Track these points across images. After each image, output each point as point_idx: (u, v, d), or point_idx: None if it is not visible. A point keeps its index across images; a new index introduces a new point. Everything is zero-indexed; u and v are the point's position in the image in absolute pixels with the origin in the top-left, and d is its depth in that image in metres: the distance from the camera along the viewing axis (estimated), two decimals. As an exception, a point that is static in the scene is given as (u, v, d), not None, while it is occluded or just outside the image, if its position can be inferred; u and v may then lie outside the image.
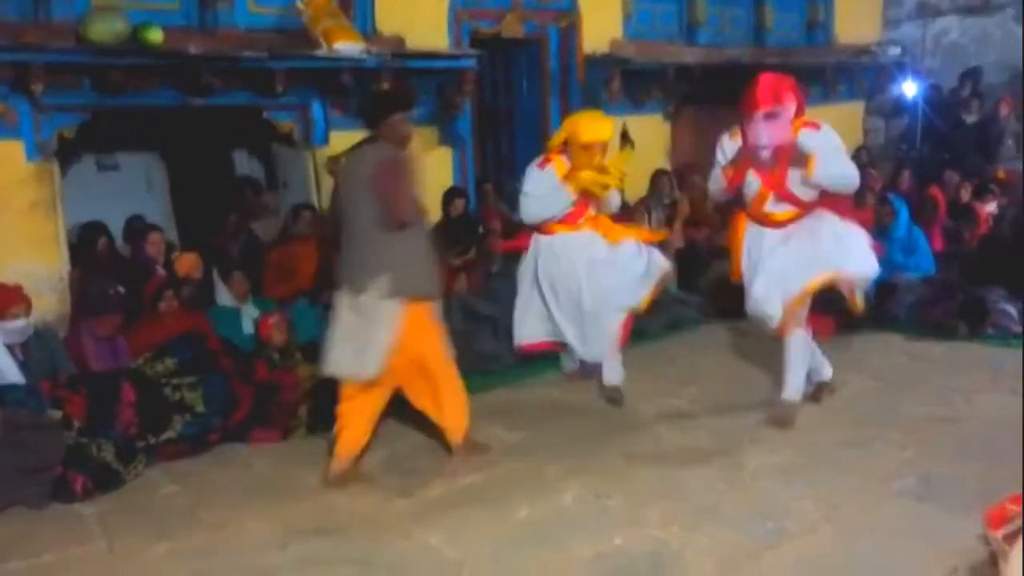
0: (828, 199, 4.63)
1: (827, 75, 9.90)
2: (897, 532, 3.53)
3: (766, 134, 4.45)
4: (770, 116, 4.43)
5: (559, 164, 5.15)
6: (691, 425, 4.83)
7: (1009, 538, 2.64)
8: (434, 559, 3.52)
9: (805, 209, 4.63)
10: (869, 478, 4.05)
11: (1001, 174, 9.05)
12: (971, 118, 9.67)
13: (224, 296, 5.76)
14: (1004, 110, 9.57)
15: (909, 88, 9.90)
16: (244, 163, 7.77)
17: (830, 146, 4.53)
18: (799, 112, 4.57)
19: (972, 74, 10.15)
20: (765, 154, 4.51)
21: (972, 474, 3.96)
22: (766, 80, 4.50)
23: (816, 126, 4.56)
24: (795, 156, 4.47)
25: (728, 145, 4.71)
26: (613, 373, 5.30)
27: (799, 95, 4.56)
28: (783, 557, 3.39)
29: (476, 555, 3.51)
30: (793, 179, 4.53)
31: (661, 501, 3.91)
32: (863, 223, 4.96)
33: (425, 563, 3.49)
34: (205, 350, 5.02)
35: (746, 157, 4.58)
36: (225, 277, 5.77)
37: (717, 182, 4.79)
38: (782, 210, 4.65)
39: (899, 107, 10.45)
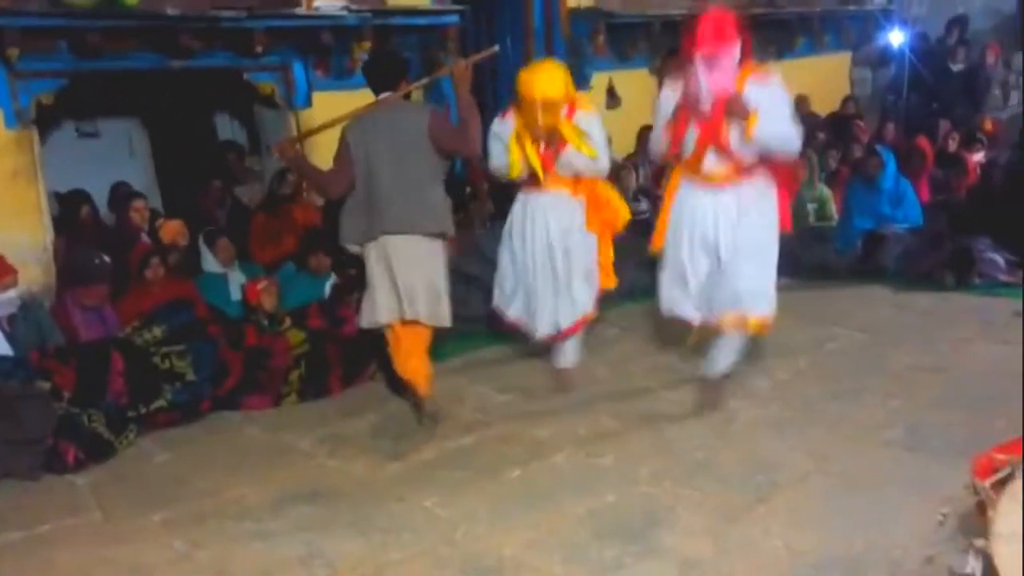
0: (770, 162, 4.25)
1: (814, 25, 9.83)
2: (886, 482, 3.56)
3: (706, 81, 4.02)
4: (710, 60, 4.01)
5: (515, 116, 4.70)
6: (681, 381, 4.84)
7: (996, 487, 2.65)
8: (428, 520, 3.54)
9: (744, 170, 4.22)
10: (858, 429, 4.08)
11: (988, 124, 9.03)
12: (958, 66, 9.63)
13: (211, 262, 5.73)
14: (991, 58, 9.55)
15: (895, 37, 9.83)
16: (226, 127, 7.68)
17: (777, 102, 4.11)
18: (745, 58, 4.13)
19: (958, 22, 10.08)
20: (706, 105, 4.08)
21: (960, 423, 3.99)
22: (707, 20, 4.05)
23: (765, 77, 4.13)
24: (736, 109, 4.04)
25: (668, 97, 4.27)
26: (568, 355, 4.91)
27: (744, 38, 4.09)
28: (774, 509, 3.43)
29: (470, 515, 3.53)
30: (734, 134, 4.11)
31: (653, 457, 3.93)
32: (789, 188, 4.48)
33: (420, 525, 3.50)
34: (193, 317, 5.01)
35: (685, 107, 4.17)
36: (211, 243, 5.73)
37: (657, 142, 4.38)
38: (720, 169, 4.23)
39: (886, 57, 10.40)
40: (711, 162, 4.22)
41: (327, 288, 5.70)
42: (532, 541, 3.32)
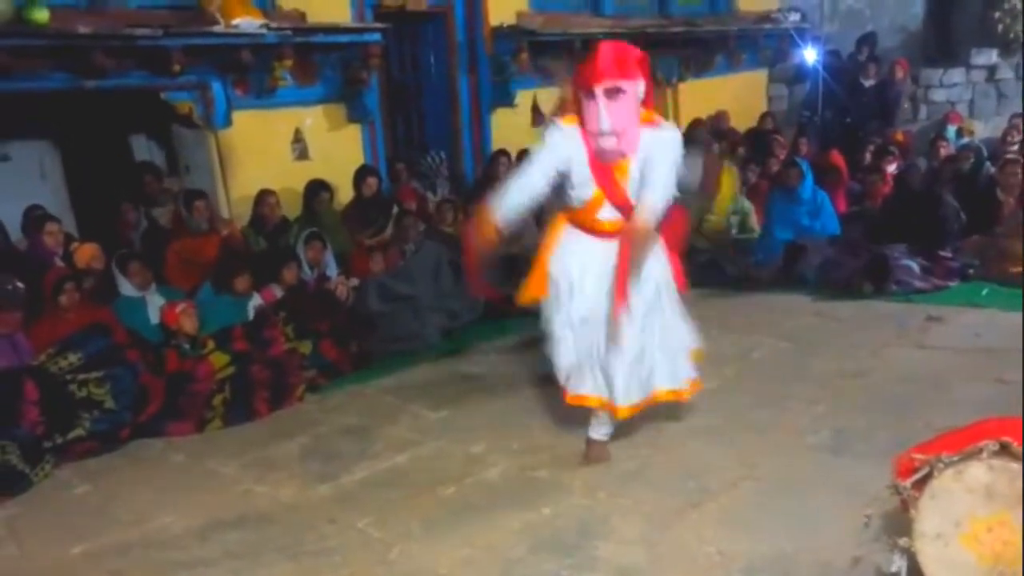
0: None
1: (731, 44, 10.07)
2: (813, 485, 3.63)
3: (609, 116, 3.48)
4: (614, 92, 3.48)
5: None
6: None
7: (917, 486, 2.73)
8: (362, 541, 3.48)
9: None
10: (784, 434, 4.15)
11: (899, 136, 9.37)
12: (869, 82, 9.95)
13: (126, 287, 5.55)
14: (899, 73, 9.90)
15: (810, 55, 10.13)
16: (143, 147, 7.50)
17: (669, 158, 3.57)
18: (647, 99, 3.62)
19: (868, 39, 10.44)
20: (609, 142, 3.52)
21: (881, 426, 4.09)
22: (611, 46, 3.56)
23: (661, 129, 3.64)
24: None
25: (561, 138, 3.62)
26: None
27: (648, 76, 3.60)
28: (707, 515, 3.46)
29: (405, 534, 3.48)
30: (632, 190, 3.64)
31: (586, 469, 3.93)
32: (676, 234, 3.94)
33: (353, 546, 3.44)
34: (111, 343, 4.85)
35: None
36: (123, 268, 5.55)
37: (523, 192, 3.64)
38: (613, 218, 3.69)
39: (801, 73, 10.71)
40: (605, 212, 3.70)
41: (251, 310, 5.58)
42: (468, 558, 3.29)
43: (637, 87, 3.54)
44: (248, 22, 6.07)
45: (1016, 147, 8.45)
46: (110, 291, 5.50)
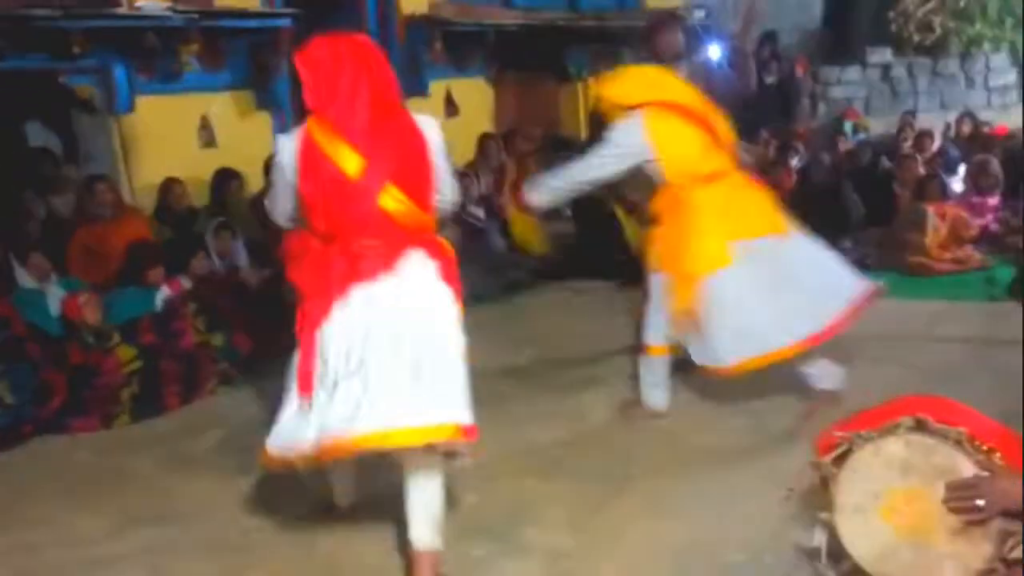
0: None
1: (638, 39, 10.21)
2: (735, 464, 3.71)
3: None
4: None
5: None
6: (533, 383, 4.89)
7: (837, 462, 2.82)
8: (285, 535, 3.40)
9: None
10: (706, 418, 4.23)
11: (801, 130, 9.69)
12: (771, 79, 10.24)
13: (24, 278, 5.29)
14: (799, 71, 10.23)
15: (714, 51, 10.35)
16: (39, 134, 7.16)
17: None
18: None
19: (769, 37, 10.74)
20: None
21: (793, 408, 4.20)
22: None
23: None
24: None
25: None
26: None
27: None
28: (632, 498, 3.50)
29: (329, 527, 3.41)
30: None
31: (511, 458, 3.92)
32: None
33: (276, 541, 3.36)
34: (9, 336, 4.65)
35: None
36: (21, 260, 5.29)
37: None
38: None
39: (705, 69, 10.92)
40: None
41: (159, 301, 5.39)
42: (394, 546, 3.24)
43: None
44: (152, 4, 5.88)
45: (909, 143, 8.84)
46: (7, 283, 5.23)
